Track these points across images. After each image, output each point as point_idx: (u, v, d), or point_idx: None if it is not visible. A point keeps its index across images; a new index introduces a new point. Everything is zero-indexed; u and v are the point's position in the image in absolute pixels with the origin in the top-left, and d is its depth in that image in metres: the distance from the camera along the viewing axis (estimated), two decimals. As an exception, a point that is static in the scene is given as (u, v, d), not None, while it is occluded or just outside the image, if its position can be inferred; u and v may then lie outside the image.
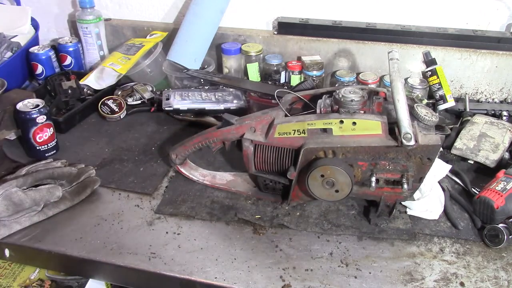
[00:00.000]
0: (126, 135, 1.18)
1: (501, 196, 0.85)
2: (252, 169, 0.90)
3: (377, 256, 0.82)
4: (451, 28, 1.30)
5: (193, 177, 1.00)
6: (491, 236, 0.83)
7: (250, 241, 0.85)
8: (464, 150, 1.05)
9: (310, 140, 0.81)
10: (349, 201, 0.94)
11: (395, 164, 0.80)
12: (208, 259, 0.81)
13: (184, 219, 0.91)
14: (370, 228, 0.87)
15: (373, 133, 0.79)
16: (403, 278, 0.77)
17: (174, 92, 1.25)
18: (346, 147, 0.79)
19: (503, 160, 1.02)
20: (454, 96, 1.30)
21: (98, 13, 1.44)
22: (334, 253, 0.83)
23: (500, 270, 0.79)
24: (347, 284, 0.76)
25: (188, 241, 0.85)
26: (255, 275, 0.78)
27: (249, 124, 0.87)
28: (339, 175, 0.79)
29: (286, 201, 0.92)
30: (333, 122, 0.80)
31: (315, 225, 0.88)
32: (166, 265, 0.80)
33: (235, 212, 0.91)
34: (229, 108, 1.20)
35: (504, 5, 1.26)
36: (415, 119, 0.79)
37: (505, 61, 1.26)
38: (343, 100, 0.81)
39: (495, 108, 1.24)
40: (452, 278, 0.77)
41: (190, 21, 1.33)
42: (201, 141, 0.92)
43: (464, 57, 1.28)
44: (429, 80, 1.26)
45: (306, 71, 1.32)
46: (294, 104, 0.94)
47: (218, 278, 0.77)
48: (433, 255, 0.82)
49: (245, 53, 1.37)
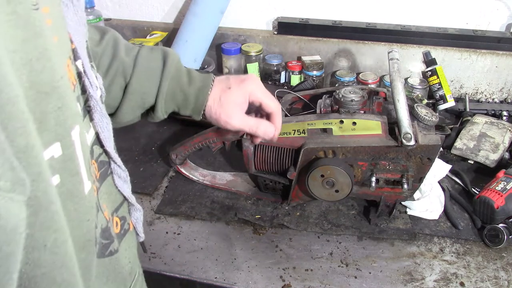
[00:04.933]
0: (126, 135, 1.18)
1: (501, 196, 0.85)
2: (252, 169, 0.90)
3: (377, 256, 0.82)
4: (451, 28, 1.30)
5: (193, 177, 1.00)
6: (491, 236, 0.83)
7: (250, 241, 0.85)
8: (464, 150, 1.05)
9: (310, 140, 0.81)
10: (349, 201, 0.94)
11: (395, 164, 0.80)
12: (208, 259, 0.81)
13: (184, 219, 0.91)
14: (370, 228, 0.87)
15: (373, 133, 0.79)
16: (403, 278, 0.77)
17: (174, 92, 1.24)
18: (346, 147, 0.79)
19: (503, 160, 1.02)
20: (454, 96, 1.30)
21: (98, 13, 1.44)
22: (334, 253, 0.83)
23: (500, 270, 0.79)
24: (347, 284, 0.76)
25: (188, 241, 0.85)
26: (255, 275, 0.78)
27: (249, 124, 0.86)
28: (339, 175, 0.79)
29: (286, 201, 0.92)
30: (333, 122, 0.80)
31: (315, 225, 0.88)
32: (166, 265, 0.80)
33: (235, 212, 0.91)
34: (229, 108, 1.20)
35: (504, 5, 1.26)
36: (415, 119, 0.79)
37: (505, 61, 1.26)
38: (343, 100, 0.81)
39: (495, 108, 1.24)
40: (452, 278, 0.77)
41: (190, 21, 1.33)
42: (201, 141, 0.92)
43: (464, 57, 1.28)
44: (429, 80, 1.26)
45: (306, 71, 1.32)
46: (294, 104, 0.94)
47: (218, 278, 0.77)
48: (433, 255, 0.82)
49: (245, 53, 1.36)
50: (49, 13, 0.33)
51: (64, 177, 0.34)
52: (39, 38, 0.30)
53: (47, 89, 0.31)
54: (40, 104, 0.31)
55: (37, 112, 0.31)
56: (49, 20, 0.33)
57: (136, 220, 0.54)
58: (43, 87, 0.31)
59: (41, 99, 0.31)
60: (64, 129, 0.34)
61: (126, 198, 0.51)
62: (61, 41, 0.35)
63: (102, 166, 0.46)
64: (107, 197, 0.47)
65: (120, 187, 0.49)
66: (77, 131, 0.36)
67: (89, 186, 0.39)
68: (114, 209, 0.49)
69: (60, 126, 0.33)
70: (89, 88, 0.41)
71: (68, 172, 0.35)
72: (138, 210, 0.54)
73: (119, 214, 0.50)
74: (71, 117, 0.35)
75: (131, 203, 0.52)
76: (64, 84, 0.34)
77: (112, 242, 0.46)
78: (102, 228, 0.44)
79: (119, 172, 0.48)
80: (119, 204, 0.50)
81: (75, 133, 0.36)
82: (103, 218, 0.44)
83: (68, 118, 0.34)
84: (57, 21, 0.35)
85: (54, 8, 0.34)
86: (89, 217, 0.39)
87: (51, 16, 0.33)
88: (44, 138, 0.32)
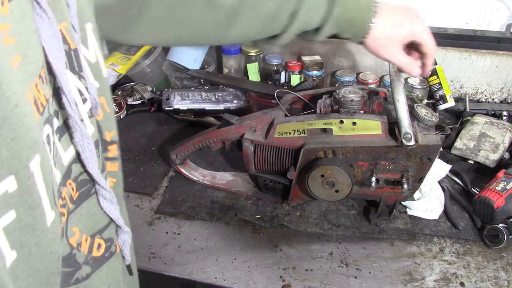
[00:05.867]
0: (126, 135, 1.18)
1: (501, 196, 0.85)
2: (252, 169, 0.90)
3: (377, 256, 0.82)
4: (451, 28, 1.30)
5: (193, 177, 1.00)
6: (491, 236, 0.83)
7: (250, 241, 0.85)
8: (464, 150, 1.05)
9: (310, 140, 0.81)
10: (349, 201, 0.94)
11: (395, 164, 0.80)
12: (208, 259, 0.81)
13: (184, 219, 0.91)
14: (370, 228, 0.87)
15: (373, 133, 0.79)
16: (403, 278, 0.77)
17: (174, 92, 1.25)
18: (346, 147, 0.79)
19: (503, 160, 1.02)
20: (454, 96, 1.29)
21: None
22: (334, 253, 0.83)
23: (500, 270, 0.79)
24: (347, 284, 0.76)
25: (188, 241, 0.85)
26: (255, 275, 0.78)
27: (249, 124, 0.87)
28: (339, 175, 0.79)
29: (286, 201, 0.92)
30: (333, 122, 0.80)
31: (315, 225, 0.88)
32: (166, 265, 0.80)
33: (235, 212, 0.91)
34: (229, 108, 1.20)
35: (504, 5, 1.26)
36: (415, 119, 0.79)
37: (505, 61, 1.26)
38: (343, 100, 0.81)
39: (495, 108, 1.24)
40: (452, 278, 0.77)
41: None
42: (201, 141, 0.92)
43: (464, 57, 1.28)
44: (429, 80, 1.26)
45: (306, 71, 1.32)
46: (294, 104, 0.94)
47: (218, 278, 0.77)
48: (433, 255, 0.82)
49: (245, 53, 1.36)
50: (11, 30, 0.30)
51: (21, 212, 0.32)
52: None
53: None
54: None
55: None
56: (9, 39, 0.30)
57: (123, 242, 0.51)
58: None
59: None
60: (19, 161, 0.31)
61: (113, 220, 0.48)
62: (27, 59, 0.32)
63: (83, 185, 0.43)
64: (87, 218, 0.44)
65: (106, 208, 0.46)
66: (37, 160, 0.33)
67: (52, 217, 0.36)
68: (97, 230, 0.46)
69: (14, 158, 0.30)
70: (67, 107, 0.37)
71: (27, 206, 0.32)
72: (126, 233, 0.51)
73: (105, 236, 0.47)
74: (29, 147, 0.32)
75: (119, 225, 0.49)
76: (19, 112, 0.30)
77: (78, 269, 0.43)
78: (63, 256, 0.41)
79: (104, 194, 0.45)
80: (104, 225, 0.47)
81: (35, 163, 0.32)
82: (66, 245, 0.41)
83: (25, 149, 0.31)
84: (24, 37, 0.32)
85: (22, 22, 0.32)
86: (52, 249, 0.36)
87: (13, 33, 0.31)
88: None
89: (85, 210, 0.44)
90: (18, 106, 0.30)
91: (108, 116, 0.49)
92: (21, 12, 0.31)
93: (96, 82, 0.45)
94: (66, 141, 0.40)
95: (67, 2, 0.38)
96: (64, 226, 0.40)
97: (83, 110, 0.41)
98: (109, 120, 0.49)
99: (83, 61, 0.41)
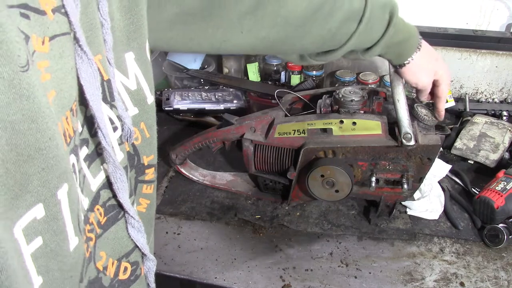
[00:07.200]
0: (126, 135, 1.18)
1: (501, 196, 0.85)
2: (252, 169, 0.90)
3: (377, 256, 0.82)
4: (451, 28, 1.30)
5: (193, 177, 1.00)
6: (491, 236, 0.83)
7: (250, 241, 0.85)
8: (464, 150, 1.05)
9: (310, 140, 0.81)
10: (349, 201, 0.94)
11: (395, 164, 0.80)
12: (208, 259, 0.81)
13: (184, 219, 0.91)
14: (370, 228, 0.87)
15: (373, 133, 0.79)
16: (403, 278, 0.77)
17: (174, 92, 1.25)
18: (346, 147, 0.79)
19: (503, 160, 1.02)
20: (454, 96, 1.30)
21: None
22: (334, 253, 0.83)
23: (500, 270, 0.79)
24: (347, 284, 0.76)
25: (188, 241, 0.85)
26: (255, 275, 0.78)
27: (249, 124, 0.87)
28: (339, 175, 0.79)
29: (286, 201, 0.92)
30: (333, 122, 0.80)
31: (315, 225, 0.88)
32: (166, 265, 0.80)
33: (235, 212, 0.91)
34: (229, 108, 1.20)
35: (504, 5, 1.26)
36: (415, 119, 0.79)
37: (505, 61, 1.26)
38: (343, 100, 0.81)
39: (495, 108, 1.23)
40: (452, 278, 0.77)
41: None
42: (201, 141, 0.92)
43: (464, 57, 1.28)
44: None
45: (306, 71, 1.32)
46: (294, 104, 0.94)
47: (218, 278, 0.77)
48: (433, 255, 0.82)
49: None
50: (48, 67, 0.32)
51: (47, 238, 0.33)
52: (24, 101, 0.28)
53: (31, 152, 0.30)
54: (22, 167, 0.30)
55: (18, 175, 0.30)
56: (46, 75, 0.32)
57: (148, 269, 0.52)
58: (26, 150, 0.30)
59: (22, 162, 0.30)
60: (48, 189, 0.32)
61: (139, 247, 0.49)
62: (62, 94, 0.34)
63: (112, 210, 0.44)
64: (114, 243, 0.45)
65: (133, 237, 0.47)
66: (64, 189, 0.34)
67: (75, 242, 0.37)
68: (124, 254, 0.47)
69: (43, 187, 0.32)
70: (102, 140, 0.39)
71: (52, 232, 0.34)
72: (152, 261, 0.52)
73: (131, 259, 0.48)
74: (57, 177, 0.33)
75: (144, 253, 0.50)
76: (52, 144, 0.32)
77: None
78: (90, 280, 0.42)
79: (132, 222, 0.47)
80: (131, 249, 0.48)
81: (62, 191, 0.34)
82: (94, 269, 0.42)
83: (54, 178, 0.33)
84: (61, 74, 0.33)
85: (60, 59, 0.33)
86: (72, 274, 0.37)
87: (51, 70, 0.32)
88: (27, 201, 0.31)
89: (112, 235, 0.45)
90: (51, 139, 0.31)
91: (148, 141, 0.50)
92: (60, 51, 0.33)
93: (135, 108, 0.46)
94: (95, 168, 0.41)
95: (104, 38, 0.39)
96: (92, 251, 0.41)
97: (113, 138, 0.42)
98: (148, 145, 0.51)
99: (116, 90, 0.42)
